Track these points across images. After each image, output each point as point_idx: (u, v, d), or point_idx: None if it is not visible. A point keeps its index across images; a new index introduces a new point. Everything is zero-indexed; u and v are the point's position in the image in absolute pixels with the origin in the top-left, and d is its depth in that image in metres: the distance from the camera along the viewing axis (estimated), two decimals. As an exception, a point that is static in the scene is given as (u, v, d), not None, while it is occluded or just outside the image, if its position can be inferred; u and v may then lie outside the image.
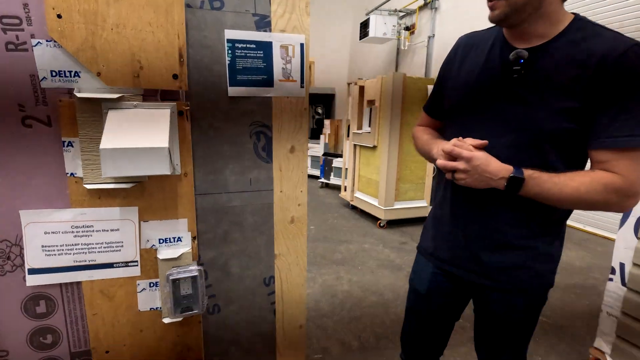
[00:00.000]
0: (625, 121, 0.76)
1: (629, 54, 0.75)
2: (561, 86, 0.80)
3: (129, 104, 0.87)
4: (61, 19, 0.81)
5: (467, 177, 0.85)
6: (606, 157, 0.79)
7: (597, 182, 0.79)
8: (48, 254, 0.90)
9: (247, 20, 1.09)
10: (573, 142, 0.83)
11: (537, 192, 0.82)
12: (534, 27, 0.83)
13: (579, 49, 0.80)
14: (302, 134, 1.22)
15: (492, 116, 0.89)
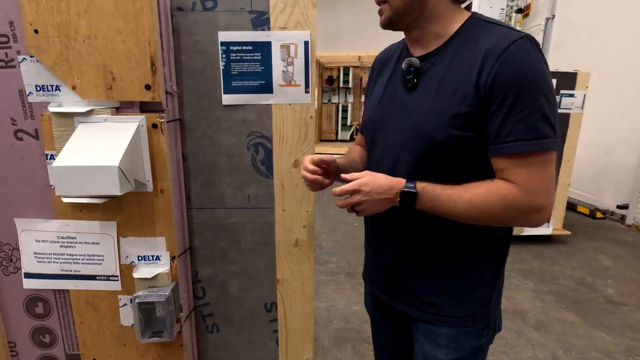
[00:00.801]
0: (515, 124, 0.69)
1: (512, 49, 0.68)
2: (451, 91, 0.74)
3: (99, 117, 0.84)
4: (38, 34, 0.81)
5: (367, 207, 0.78)
6: (502, 164, 0.73)
7: (493, 193, 0.72)
8: (39, 260, 0.94)
9: (243, 19, 0.97)
10: (474, 152, 0.75)
11: (432, 206, 0.75)
12: (427, 31, 0.79)
13: (467, 48, 0.74)
14: (308, 146, 1.05)
15: (394, 132, 0.83)
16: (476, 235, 0.81)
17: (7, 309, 1.00)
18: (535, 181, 0.70)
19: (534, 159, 0.70)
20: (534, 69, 0.69)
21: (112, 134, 0.82)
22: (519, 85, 0.68)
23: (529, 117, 0.68)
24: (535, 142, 0.68)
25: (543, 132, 0.69)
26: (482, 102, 0.70)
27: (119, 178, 0.76)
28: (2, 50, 0.84)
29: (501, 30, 0.73)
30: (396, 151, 0.83)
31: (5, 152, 0.90)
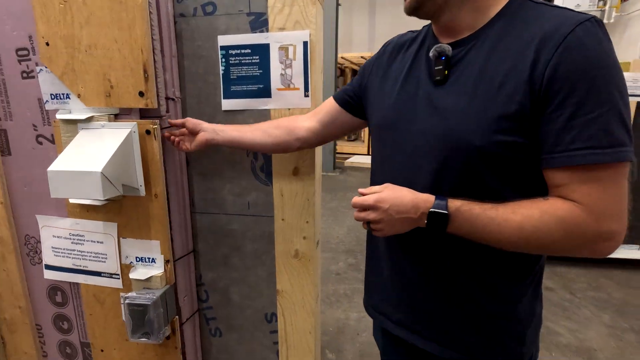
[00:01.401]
0: (584, 127, 0.54)
1: (579, 32, 0.54)
2: (495, 85, 0.59)
3: (98, 124, 0.88)
4: (49, 46, 0.88)
5: (384, 226, 0.66)
6: (561, 179, 0.57)
7: (550, 215, 0.57)
8: (56, 254, 1.03)
9: (241, 22, 0.95)
10: (521, 160, 0.60)
11: (468, 231, 0.61)
12: (460, 16, 0.64)
13: (514, 34, 0.60)
14: (308, 153, 0.99)
15: (415, 134, 0.68)
16: (515, 263, 0.67)
17: (34, 295, 1.11)
18: (607, 201, 0.55)
19: (606, 172, 0.55)
20: (607, 58, 0.54)
21: (105, 139, 0.85)
22: (590, 76, 0.53)
23: (602, 118, 0.53)
24: (611, 150, 0.53)
25: (619, 137, 0.53)
26: (538, 99, 0.56)
27: (102, 183, 0.78)
28: (24, 63, 0.93)
29: (559, 11, 0.58)
30: (415, 158, 0.68)
31: (29, 154, 0.99)
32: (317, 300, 1.15)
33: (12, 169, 1.02)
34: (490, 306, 0.70)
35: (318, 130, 0.88)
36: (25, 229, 1.06)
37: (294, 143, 0.89)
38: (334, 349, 1.98)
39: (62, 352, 1.15)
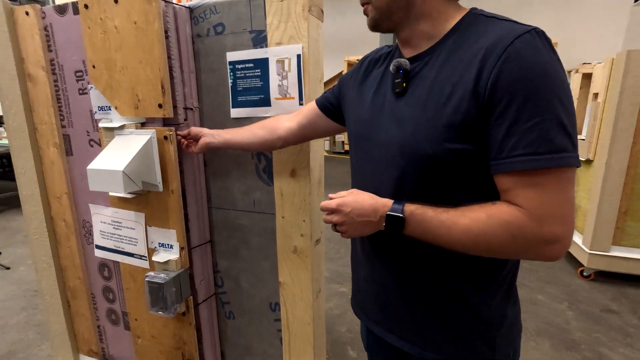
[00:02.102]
0: (524, 134, 0.56)
1: (518, 44, 0.56)
2: (444, 96, 0.62)
3: (128, 130, 1.07)
4: (94, 68, 1.09)
5: (347, 229, 0.71)
6: (506, 184, 0.60)
7: (495, 219, 0.59)
8: (102, 237, 1.26)
9: (245, 39, 1.07)
10: (473, 167, 0.63)
11: (422, 233, 0.65)
12: (416, 30, 0.69)
13: (464, 47, 0.63)
14: (304, 157, 1.08)
15: (380, 144, 0.72)
16: (478, 265, 0.69)
17: (89, 269, 1.36)
18: (548, 205, 0.57)
19: (548, 177, 0.56)
20: (545, 67, 0.56)
21: (131, 144, 1.03)
22: (528, 86, 0.55)
23: (541, 125, 0.55)
24: (549, 156, 0.55)
25: (559, 143, 0.55)
26: (483, 108, 0.58)
27: (123, 180, 0.96)
28: (80, 82, 1.16)
29: (504, 24, 0.61)
30: (379, 168, 0.73)
31: (84, 154, 1.23)
32: (317, 294, 1.22)
33: (74, 166, 1.28)
34: (457, 309, 0.72)
35: (296, 132, 0.96)
36: (82, 215, 1.31)
37: (277, 142, 0.99)
38: (356, 347, 2.02)
39: (109, 318, 1.39)
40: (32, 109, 1.27)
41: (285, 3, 0.99)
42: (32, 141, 1.28)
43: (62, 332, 1.47)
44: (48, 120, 1.25)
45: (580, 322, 2.20)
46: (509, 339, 0.75)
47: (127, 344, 1.38)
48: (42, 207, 1.33)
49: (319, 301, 1.26)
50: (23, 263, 3.17)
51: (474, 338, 0.73)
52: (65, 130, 1.25)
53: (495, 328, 0.73)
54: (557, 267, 2.92)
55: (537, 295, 2.50)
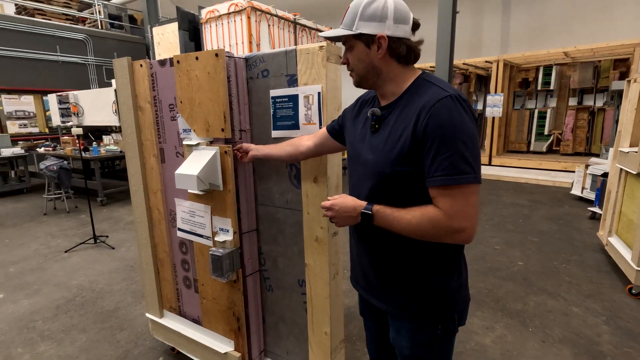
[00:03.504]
0: (440, 162, 0.86)
1: (437, 105, 0.88)
2: (396, 136, 0.95)
3: (200, 147, 1.52)
4: (182, 103, 1.57)
5: (337, 221, 1.06)
6: (433, 194, 0.90)
7: (425, 215, 0.90)
8: (183, 222, 1.74)
9: (282, 81, 1.46)
10: (413, 181, 0.94)
11: (384, 224, 0.97)
12: (385, 89, 1.02)
13: (410, 103, 0.95)
14: (323, 167, 1.43)
15: (361, 165, 1.06)
16: (426, 249, 0.99)
17: (172, 245, 1.87)
18: (456, 207, 0.87)
19: (455, 190, 0.87)
20: (453, 121, 0.86)
21: (203, 156, 1.47)
22: (441, 133, 0.86)
23: (450, 158, 0.86)
24: (455, 177, 0.86)
25: (461, 169, 0.86)
26: (418, 144, 0.89)
27: (197, 181, 1.40)
28: (172, 112, 1.66)
29: (434, 89, 0.92)
30: (361, 179, 1.06)
31: (173, 162, 1.73)
32: (333, 275, 1.55)
33: (166, 171, 1.79)
34: (413, 278, 1.04)
35: (313, 149, 1.33)
36: (170, 206, 1.81)
37: (299, 155, 1.36)
38: (381, 334, 2.29)
39: (184, 283, 1.88)
40: (140, 130, 1.81)
41: (310, 55, 1.36)
42: (139, 152, 1.83)
43: (153, 292, 2.00)
44: (150, 138, 1.77)
45: (614, 336, 2.19)
46: (452, 303, 1.04)
47: (195, 303, 1.84)
48: (144, 200, 1.87)
49: (336, 282, 1.58)
50: (124, 245, 3.98)
51: (426, 300, 1.04)
52: (161, 145, 1.76)
53: (441, 293, 1.03)
54: (605, 283, 2.83)
55: (572, 308, 2.50)
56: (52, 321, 2.53)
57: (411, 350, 1.09)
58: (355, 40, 0.98)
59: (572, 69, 7.71)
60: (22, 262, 3.55)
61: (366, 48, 0.97)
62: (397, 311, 1.08)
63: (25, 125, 8.61)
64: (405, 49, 0.96)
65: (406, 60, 0.98)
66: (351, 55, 1.01)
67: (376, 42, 0.95)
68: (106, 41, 9.90)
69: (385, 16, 0.93)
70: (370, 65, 0.99)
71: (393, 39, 0.95)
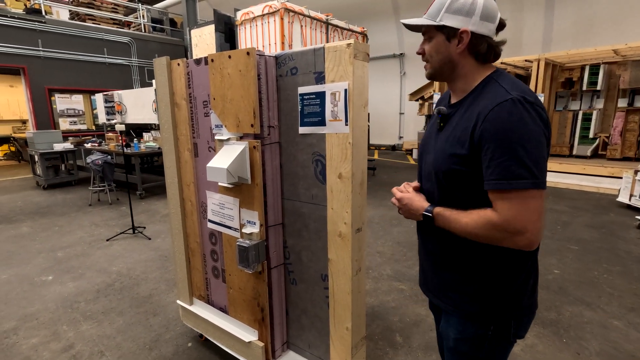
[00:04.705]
0: (496, 167, 0.87)
1: (496, 109, 0.88)
2: (456, 137, 0.96)
3: (231, 142, 1.59)
4: (215, 100, 1.64)
5: (403, 213, 1.12)
6: (491, 197, 0.91)
7: (482, 218, 0.91)
8: (213, 214, 1.82)
9: (310, 78, 1.49)
10: (470, 182, 0.94)
11: (444, 225, 0.99)
12: (456, 85, 1.04)
13: (474, 104, 0.95)
14: (347, 164, 1.44)
15: (426, 160, 1.10)
16: (486, 249, 0.97)
17: (203, 236, 1.95)
18: (512, 211, 0.86)
19: (511, 194, 0.86)
20: (510, 125, 0.85)
21: (233, 151, 1.54)
22: (497, 138, 0.86)
23: (504, 163, 0.86)
24: (507, 182, 0.86)
25: (517, 173, 0.85)
26: (475, 148, 0.91)
27: (227, 174, 1.46)
28: (205, 108, 1.74)
29: (497, 91, 0.91)
30: (427, 175, 1.09)
31: (205, 157, 1.81)
32: (356, 272, 1.56)
33: (198, 165, 1.88)
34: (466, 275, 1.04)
35: None
36: (201, 198, 1.90)
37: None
38: (404, 335, 2.26)
39: (213, 273, 1.96)
40: (176, 125, 1.91)
41: (337, 53, 1.38)
42: (175, 147, 1.93)
43: (184, 280, 2.11)
44: (185, 133, 1.87)
45: (658, 354, 2.03)
46: (509, 307, 1.01)
47: (223, 292, 1.92)
48: (178, 192, 1.98)
49: (359, 278, 1.59)
50: (159, 236, 4.19)
51: (480, 298, 1.02)
52: (195, 140, 1.85)
53: (497, 295, 1.00)
54: (651, 298, 2.63)
55: (612, 321, 2.35)
56: (93, 303, 2.72)
57: (455, 343, 1.08)
58: (437, 32, 0.99)
59: (623, 68, 7.19)
60: (69, 248, 3.84)
61: (446, 41, 0.98)
62: (451, 307, 1.08)
63: (75, 122, 9.27)
64: (486, 47, 0.96)
65: (484, 58, 0.98)
66: (429, 47, 1.02)
67: (458, 36, 0.96)
68: (148, 43, 10.44)
69: (473, 12, 0.94)
70: (447, 58, 0.99)
71: (476, 35, 0.95)
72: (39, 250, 3.79)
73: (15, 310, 2.62)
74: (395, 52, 12.38)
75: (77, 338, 2.29)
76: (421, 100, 10.38)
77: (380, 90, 12.87)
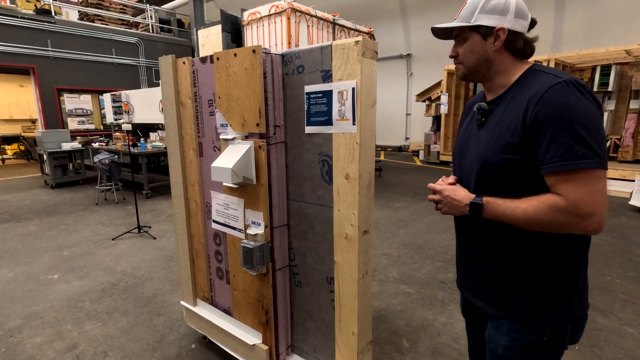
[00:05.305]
0: (557, 149, 0.84)
1: (550, 92, 0.87)
2: (504, 127, 0.96)
3: (236, 141, 1.56)
4: (220, 99, 1.62)
5: (443, 207, 1.08)
6: (551, 181, 0.88)
7: (543, 203, 0.87)
8: (217, 214, 1.79)
9: (317, 77, 1.46)
10: (525, 170, 0.92)
11: (496, 215, 0.95)
12: (494, 82, 1.04)
13: (518, 94, 0.96)
14: (355, 164, 1.41)
15: (467, 158, 1.09)
16: (541, 244, 0.95)
17: (207, 236, 1.93)
18: (580, 193, 0.83)
19: (576, 175, 0.83)
20: (569, 105, 0.84)
21: (238, 150, 1.51)
22: (556, 119, 0.85)
23: (567, 143, 0.83)
24: (573, 162, 0.83)
25: (582, 153, 0.82)
26: (529, 134, 0.89)
27: (232, 174, 1.44)
28: (210, 107, 1.72)
29: (545, 77, 0.92)
30: (467, 172, 1.08)
31: (210, 156, 1.79)
32: (363, 275, 1.53)
33: (203, 164, 1.85)
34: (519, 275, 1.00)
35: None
36: (206, 198, 1.88)
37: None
38: (411, 339, 2.22)
39: (217, 274, 1.94)
40: (181, 125, 1.89)
41: (345, 50, 1.35)
42: (180, 146, 1.91)
43: (188, 280, 2.08)
44: (190, 132, 1.85)
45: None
46: (567, 310, 0.97)
47: (227, 294, 1.90)
48: (182, 191, 1.95)
49: (365, 281, 1.55)
50: (164, 236, 4.19)
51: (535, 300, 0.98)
52: (200, 139, 1.83)
53: (554, 296, 0.97)
54: (667, 304, 2.56)
55: (627, 328, 2.28)
56: (98, 302, 2.71)
57: (507, 350, 1.03)
58: (471, 32, 1.01)
59: (635, 69, 7.06)
60: (75, 247, 3.85)
61: (482, 40, 1.00)
62: (501, 311, 1.03)
63: (83, 122, 9.35)
64: (522, 43, 0.98)
65: (521, 53, 1.00)
66: (462, 48, 1.04)
67: (494, 34, 0.98)
68: (156, 44, 10.50)
69: (507, 10, 0.97)
70: (483, 57, 1.01)
71: (512, 32, 0.97)
72: (46, 248, 3.81)
73: (21, 309, 2.62)
74: (402, 53, 12.30)
75: (80, 338, 2.28)
76: (428, 101, 10.29)
77: (386, 91, 12.80)
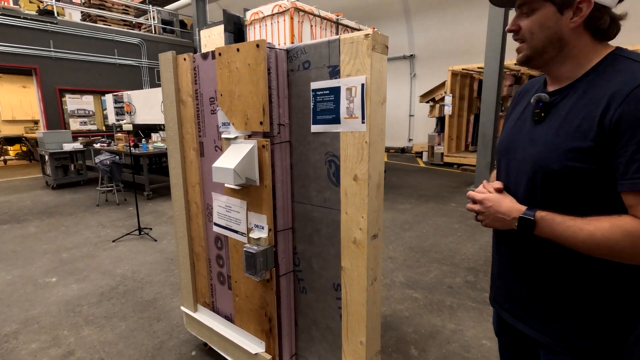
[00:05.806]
0: None
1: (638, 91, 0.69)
2: (573, 126, 0.77)
3: (239, 140, 1.49)
4: (222, 96, 1.55)
5: (484, 219, 0.91)
6: (632, 201, 0.72)
7: (617, 228, 0.71)
8: (218, 217, 1.72)
9: (324, 72, 1.39)
10: (592, 183, 0.76)
11: (551, 234, 0.79)
12: (561, 69, 0.83)
13: (595, 87, 0.77)
14: (364, 165, 1.33)
15: (516, 160, 0.90)
16: (613, 268, 0.78)
17: (208, 240, 1.86)
18: None
19: None
20: None
21: (240, 150, 1.44)
22: None
23: None
24: None
25: None
26: (607, 139, 0.72)
27: (234, 175, 1.36)
28: (212, 105, 1.64)
29: (634, 68, 0.73)
30: (516, 177, 0.89)
31: (211, 156, 1.71)
32: (372, 281, 1.45)
33: (204, 165, 1.78)
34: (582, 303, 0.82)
35: None
36: (207, 200, 1.81)
37: None
38: (420, 347, 2.14)
39: (218, 279, 1.86)
40: (182, 123, 1.82)
41: (354, 44, 1.27)
42: (180, 146, 1.84)
43: (188, 285, 2.01)
44: (191, 131, 1.78)
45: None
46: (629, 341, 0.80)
47: (228, 300, 1.82)
48: (183, 193, 1.88)
49: (374, 288, 1.48)
50: (165, 238, 4.12)
51: (603, 334, 0.81)
52: (201, 139, 1.76)
53: (627, 329, 0.79)
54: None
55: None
56: (96, 307, 2.64)
57: None
58: (544, 2, 0.79)
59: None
60: (74, 249, 3.78)
61: (557, 13, 0.78)
62: (557, 343, 0.86)
63: (85, 122, 9.32)
64: (608, 21, 0.78)
65: (604, 35, 0.79)
66: (529, 21, 0.82)
67: (574, 7, 0.77)
68: (158, 45, 10.47)
69: None
70: (555, 35, 0.80)
71: (598, 5, 0.76)
72: (45, 250, 3.75)
73: (17, 313, 2.56)
74: (405, 54, 12.24)
75: (77, 344, 2.21)
76: (432, 102, 10.22)
77: (390, 92, 12.71)
